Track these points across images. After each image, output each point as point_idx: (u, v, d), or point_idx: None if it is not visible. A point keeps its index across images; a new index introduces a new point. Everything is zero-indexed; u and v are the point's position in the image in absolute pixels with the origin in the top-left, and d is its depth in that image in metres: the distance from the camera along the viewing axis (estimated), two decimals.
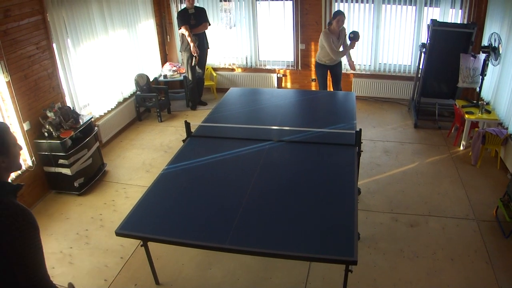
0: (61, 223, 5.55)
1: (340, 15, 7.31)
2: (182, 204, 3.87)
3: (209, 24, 8.75)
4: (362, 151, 4.85)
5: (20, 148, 2.35)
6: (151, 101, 8.60)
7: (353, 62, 7.82)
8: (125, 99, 8.30)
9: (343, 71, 8.25)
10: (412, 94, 8.65)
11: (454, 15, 8.14)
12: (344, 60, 8.14)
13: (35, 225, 2.15)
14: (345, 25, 7.72)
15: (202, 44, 8.70)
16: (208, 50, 9.03)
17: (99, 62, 7.26)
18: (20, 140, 5.61)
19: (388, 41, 8.78)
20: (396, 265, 4.57)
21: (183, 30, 8.39)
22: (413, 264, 4.58)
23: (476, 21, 7.76)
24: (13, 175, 5.53)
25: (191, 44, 8.42)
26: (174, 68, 9.43)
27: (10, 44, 5.37)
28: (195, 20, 8.43)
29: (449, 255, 4.70)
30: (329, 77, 7.99)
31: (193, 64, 8.68)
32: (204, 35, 8.75)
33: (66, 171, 5.93)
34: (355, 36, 7.39)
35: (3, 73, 5.24)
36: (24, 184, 2.39)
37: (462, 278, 4.37)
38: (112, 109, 7.82)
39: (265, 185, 4.13)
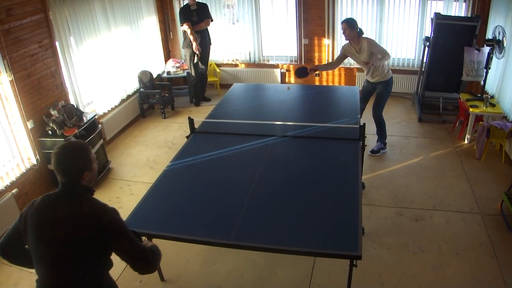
0: None
1: (342, 23, 6.36)
2: (187, 200, 3.87)
3: (212, 20, 8.74)
4: (366, 145, 4.85)
5: (96, 163, 2.74)
6: (154, 98, 8.60)
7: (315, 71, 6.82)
8: (128, 96, 8.31)
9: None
10: (416, 88, 8.62)
11: (458, 8, 8.11)
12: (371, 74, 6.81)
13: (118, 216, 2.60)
14: (342, 19, 7.57)
15: (204, 41, 8.69)
16: (211, 46, 9.01)
17: (102, 60, 7.27)
18: (24, 138, 5.63)
19: (391, 34, 8.75)
20: (401, 260, 4.56)
21: (185, 27, 8.38)
22: (418, 259, 4.57)
23: (480, 14, 7.72)
24: (16, 172, 5.55)
25: (193, 43, 8.41)
26: (178, 65, 9.43)
27: (13, 42, 5.37)
28: (197, 16, 8.42)
29: (454, 249, 4.69)
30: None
31: (195, 61, 8.68)
32: (206, 32, 8.74)
33: None
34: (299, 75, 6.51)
35: (6, 72, 5.25)
36: (94, 190, 2.75)
37: (467, 272, 4.37)
38: (116, 106, 7.83)
39: (269, 180, 4.13)
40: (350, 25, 6.22)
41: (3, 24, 5.20)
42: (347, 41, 6.42)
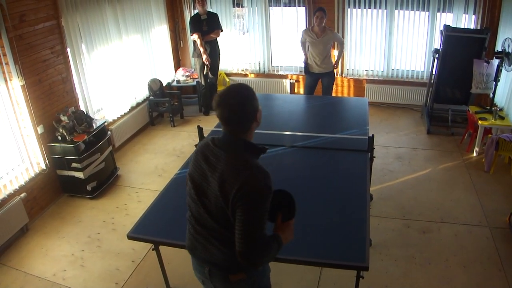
0: (73, 226, 5.59)
1: (318, 11, 7.08)
2: None
3: (222, 31, 8.75)
4: (374, 157, 4.84)
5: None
6: (164, 106, 8.63)
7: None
8: (138, 104, 8.35)
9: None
10: (425, 100, 8.61)
11: (467, 21, 8.10)
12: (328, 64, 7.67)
13: (271, 188, 2.42)
14: (353, 30, 7.73)
15: (214, 51, 8.72)
16: (220, 56, 9.04)
17: (112, 67, 7.32)
18: (34, 143, 5.67)
19: (401, 47, 8.76)
20: (408, 272, 4.55)
21: (195, 37, 8.41)
22: (425, 271, 4.55)
23: (490, 26, 7.72)
24: (25, 177, 5.58)
25: (203, 56, 8.45)
26: (187, 73, 9.46)
27: (25, 48, 5.43)
28: (207, 26, 8.44)
29: (461, 262, 4.67)
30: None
31: (204, 72, 8.71)
32: (216, 42, 8.76)
33: (79, 174, 5.97)
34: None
35: (18, 77, 5.30)
36: (267, 147, 2.56)
37: (474, 286, 4.34)
38: (125, 114, 7.87)
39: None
40: (325, 14, 7.14)
41: (16, 29, 5.25)
42: (308, 28, 7.35)
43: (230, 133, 2.42)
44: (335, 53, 8.13)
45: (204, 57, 8.45)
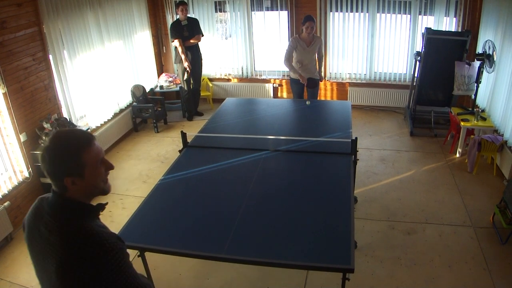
0: None
1: (308, 21, 6.91)
2: (179, 214, 3.87)
3: (202, 36, 8.78)
4: (358, 159, 4.86)
5: (109, 167, 2.13)
6: (147, 112, 8.60)
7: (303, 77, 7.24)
8: (121, 110, 8.31)
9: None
10: (407, 102, 8.68)
11: (449, 23, 8.20)
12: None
13: (123, 248, 1.96)
14: (335, 34, 7.73)
15: (196, 56, 8.73)
16: (202, 61, 9.05)
17: (95, 73, 7.28)
18: (17, 151, 5.62)
19: (383, 50, 8.83)
20: (393, 273, 4.57)
21: (176, 43, 8.41)
22: (410, 272, 4.58)
23: (470, 29, 7.81)
24: (8, 185, 5.53)
25: (185, 63, 8.46)
26: (170, 79, 9.45)
27: (7, 55, 5.38)
28: (188, 31, 8.45)
29: (446, 262, 4.70)
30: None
31: (185, 78, 8.70)
32: (197, 47, 8.77)
33: None
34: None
35: (0, 84, 5.25)
36: (107, 202, 2.16)
37: (460, 285, 4.37)
38: (109, 120, 7.83)
39: (262, 194, 4.12)
40: (315, 23, 7.05)
41: None
42: (297, 35, 7.18)
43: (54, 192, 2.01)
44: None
45: (186, 64, 8.45)
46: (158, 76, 9.74)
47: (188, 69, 8.55)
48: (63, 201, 1.95)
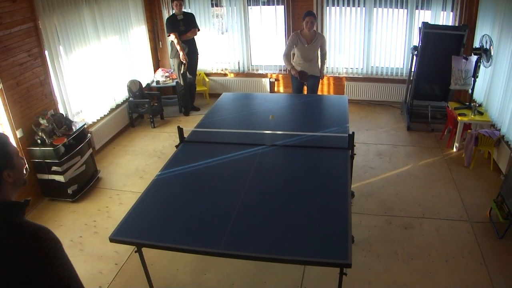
0: (55, 230, 5.43)
1: (308, 16, 6.90)
2: (176, 209, 3.86)
3: (198, 30, 8.77)
4: (355, 154, 4.86)
5: (24, 162, 2.16)
6: (144, 107, 8.58)
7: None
8: (117, 106, 8.30)
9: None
10: (404, 96, 8.68)
11: (446, 18, 8.19)
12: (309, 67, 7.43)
13: (57, 239, 1.98)
14: (332, 28, 7.71)
15: (192, 51, 8.73)
16: (199, 56, 9.04)
17: (91, 69, 7.26)
18: None
19: (380, 44, 8.82)
20: (390, 268, 4.57)
21: (172, 37, 8.41)
22: (407, 266, 4.59)
23: (468, 23, 7.79)
24: None
25: (180, 53, 8.43)
26: (167, 74, 9.43)
27: (2, 51, 5.36)
28: (184, 26, 8.45)
29: (443, 256, 4.71)
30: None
31: (182, 71, 8.69)
32: (193, 41, 8.77)
33: (60, 178, 5.91)
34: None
35: None
36: (30, 198, 2.18)
37: (456, 280, 4.38)
38: (105, 116, 7.81)
39: (259, 189, 4.12)
40: (316, 19, 7.09)
41: None
42: (298, 31, 7.17)
43: None
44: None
45: (181, 54, 8.44)
46: (155, 71, 9.72)
47: (184, 61, 8.53)
48: None
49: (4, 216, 1.91)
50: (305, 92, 7.61)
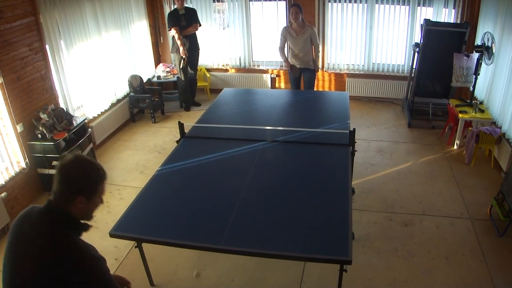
0: None
1: (292, 7, 7.11)
2: (177, 205, 3.86)
3: (200, 25, 8.74)
4: (356, 150, 4.85)
5: (101, 201, 2.27)
6: (144, 102, 8.58)
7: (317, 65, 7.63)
8: (118, 100, 8.28)
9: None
10: (405, 93, 8.66)
11: (447, 15, 8.17)
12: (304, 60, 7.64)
13: (100, 257, 2.16)
14: (334, 25, 7.73)
15: (193, 46, 8.70)
16: (200, 51, 9.02)
17: (92, 63, 7.24)
18: (13, 142, 5.60)
19: (381, 41, 8.80)
20: (391, 265, 4.57)
21: (172, 32, 8.39)
22: (408, 263, 4.58)
23: (469, 20, 7.78)
24: (5, 176, 5.51)
25: (180, 48, 8.42)
26: (168, 69, 9.42)
27: (3, 45, 5.35)
28: (186, 21, 8.42)
29: (443, 254, 4.71)
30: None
31: (181, 66, 8.67)
32: (194, 36, 8.75)
33: None
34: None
35: None
36: (92, 225, 2.30)
37: (457, 277, 4.38)
38: (106, 111, 7.80)
39: (259, 185, 4.12)
40: (301, 10, 7.15)
41: None
42: (287, 25, 7.30)
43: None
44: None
45: (181, 49, 8.42)
46: (156, 66, 9.71)
47: (184, 56, 8.52)
48: (60, 211, 2.11)
49: (62, 226, 2.10)
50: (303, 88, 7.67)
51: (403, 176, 6.29)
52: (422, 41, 7.64)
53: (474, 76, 7.11)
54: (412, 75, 8.20)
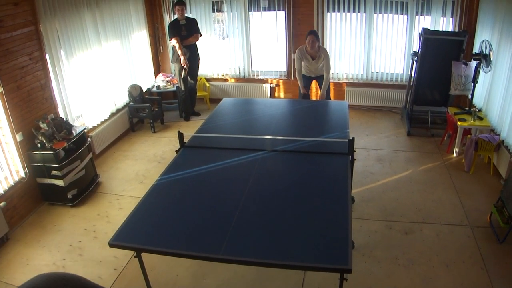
0: (54, 235, 5.52)
1: (310, 35, 7.26)
2: (176, 214, 3.86)
3: (200, 35, 8.77)
4: (355, 159, 4.85)
5: None
6: (144, 112, 8.59)
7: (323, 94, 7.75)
8: (118, 110, 8.29)
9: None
10: (404, 102, 8.68)
11: (445, 23, 8.21)
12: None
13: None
14: (333, 34, 7.80)
15: (193, 56, 8.73)
16: (200, 61, 9.04)
17: (92, 73, 7.26)
18: (13, 151, 5.60)
19: (380, 50, 8.83)
20: (391, 273, 4.56)
21: (173, 42, 8.42)
22: (408, 272, 4.58)
23: (467, 29, 7.81)
24: (4, 185, 5.51)
25: (181, 57, 8.44)
26: (167, 79, 9.43)
27: (3, 54, 5.37)
28: (186, 31, 8.45)
29: (444, 261, 4.70)
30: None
31: (182, 76, 8.70)
32: (195, 46, 8.77)
33: (59, 182, 5.91)
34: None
35: None
36: None
37: (457, 285, 4.37)
38: (105, 120, 7.81)
39: (259, 195, 4.12)
40: (318, 38, 7.34)
41: None
42: (303, 47, 7.48)
43: None
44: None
45: (182, 59, 8.44)
46: (155, 76, 9.72)
47: (185, 66, 8.54)
48: None
49: None
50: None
51: (403, 184, 6.29)
52: (420, 49, 7.66)
53: (472, 84, 7.14)
54: (411, 83, 8.22)
